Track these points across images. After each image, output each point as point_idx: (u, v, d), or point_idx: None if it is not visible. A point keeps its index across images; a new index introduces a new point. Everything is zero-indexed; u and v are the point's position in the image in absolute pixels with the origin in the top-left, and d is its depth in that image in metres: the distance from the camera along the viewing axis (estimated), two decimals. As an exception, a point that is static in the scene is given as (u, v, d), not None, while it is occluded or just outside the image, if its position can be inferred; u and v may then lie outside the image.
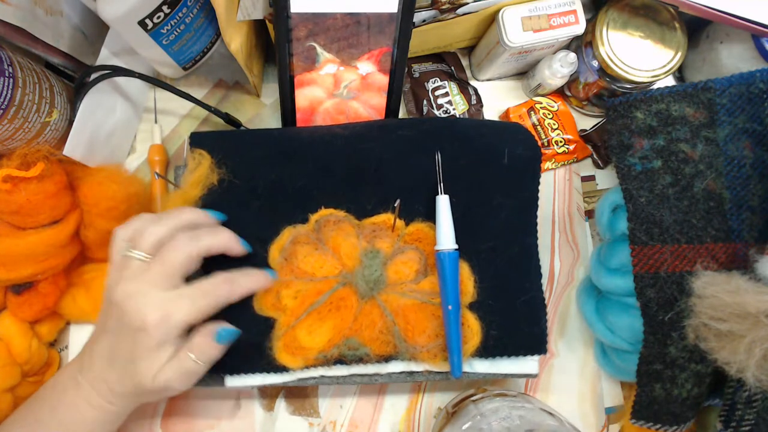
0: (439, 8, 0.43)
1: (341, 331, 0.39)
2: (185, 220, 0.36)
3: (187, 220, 0.36)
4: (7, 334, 0.42)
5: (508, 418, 0.37)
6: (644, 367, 0.42)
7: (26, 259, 0.40)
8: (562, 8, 0.45)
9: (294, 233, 0.41)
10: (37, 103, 0.39)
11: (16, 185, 0.39)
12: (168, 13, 0.41)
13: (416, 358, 0.40)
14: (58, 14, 0.41)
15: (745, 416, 0.38)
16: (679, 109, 0.44)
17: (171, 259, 0.33)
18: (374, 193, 0.42)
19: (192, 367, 0.34)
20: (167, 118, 0.52)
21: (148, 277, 0.33)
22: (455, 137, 0.42)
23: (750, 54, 0.45)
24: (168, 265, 0.33)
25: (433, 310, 0.40)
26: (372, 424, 0.47)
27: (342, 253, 0.40)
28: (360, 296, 0.40)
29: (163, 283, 0.33)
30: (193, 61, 0.49)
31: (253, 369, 0.39)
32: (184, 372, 0.33)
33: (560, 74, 0.48)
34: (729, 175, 0.42)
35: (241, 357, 0.39)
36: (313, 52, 0.41)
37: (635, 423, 0.44)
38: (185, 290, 0.34)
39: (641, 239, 0.42)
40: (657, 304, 0.41)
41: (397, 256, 0.41)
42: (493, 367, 0.41)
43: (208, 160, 0.40)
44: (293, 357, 0.39)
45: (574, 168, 0.53)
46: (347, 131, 0.42)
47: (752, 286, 0.35)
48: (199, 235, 0.35)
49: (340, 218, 0.41)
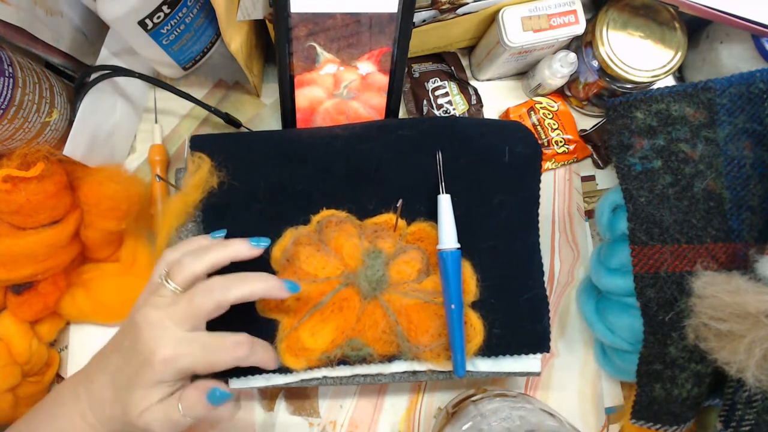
0: (439, 8, 0.43)
1: (344, 331, 0.39)
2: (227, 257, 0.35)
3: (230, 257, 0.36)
4: (7, 334, 0.42)
5: (509, 419, 0.37)
6: (644, 367, 0.42)
7: (26, 259, 0.40)
8: (562, 8, 0.45)
9: (296, 234, 0.41)
10: (37, 103, 0.39)
11: (16, 185, 0.39)
12: (168, 13, 0.41)
13: (419, 358, 0.40)
14: (58, 14, 0.41)
15: (745, 416, 0.38)
16: (679, 109, 0.44)
17: (199, 303, 0.33)
18: (375, 194, 0.42)
19: (176, 418, 0.32)
20: (167, 118, 0.51)
21: (173, 312, 0.32)
22: (455, 136, 0.42)
23: (750, 54, 0.45)
24: (195, 307, 0.33)
25: (436, 310, 0.40)
26: (372, 424, 0.47)
27: (344, 254, 0.40)
28: (363, 296, 0.40)
29: (185, 323, 0.32)
30: (193, 61, 0.49)
31: (257, 370, 0.39)
32: (168, 420, 0.32)
33: (560, 74, 0.48)
34: (729, 175, 0.42)
35: None
36: (313, 52, 0.41)
37: (635, 423, 0.44)
38: (203, 338, 0.33)
39: (641, 239, 0.42)
40: (657, 304, 0.41)
41: (399, 256, 0.41)
42: (496, 365, 0.41)
43: (207, 163, 0.40)
44: (296, 358, 0.39)
45: (574, 168, 0.53)
46: (347, 132, 0.42)
47: (752, 286, 0.35)
48: (234, 283, 0.34)
49: (342, 219, 0.41)
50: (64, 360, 0.47)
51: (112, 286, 0.46)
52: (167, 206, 0.42)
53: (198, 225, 0.42)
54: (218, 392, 0.33)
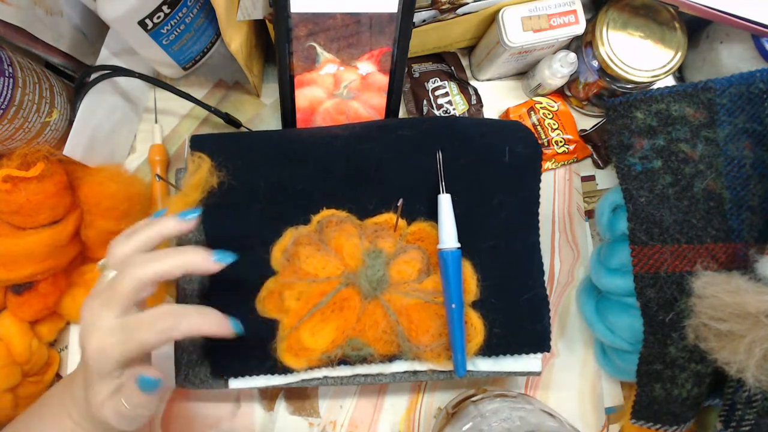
0: (439, 8, 0.43)
1: (345, 331, 0.39)
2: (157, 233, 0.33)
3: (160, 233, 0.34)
4: (7, 334, 0.42)
5: (509, 419, 0.37)
6: (644, 367, 0.42)
7: (26, 259, 0.40)
8: (562, 8, 0.45)
9: (296, 234, 0.41)
10: (37, 103, 0.39)
11: (16, 185, 0.39)
12: (168, 13, 0.41)
13: (420, 358, 0.40)
14: (58, 14, 0.41)
15: (745, 416, 0.38)
16: (679, 109, 0.44)
17: (118, 283, 0.31)
18: (375, 193, 0.42)
19: (124, 411, 0.31)
20: (167, 118, 0.51)
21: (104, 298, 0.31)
22: (455, 136, 0.42)
23: (750, 54, 0.45)
24: (116, 289, 0.31)
25: (437, 310, 0.40)
26: (372, 424, 0.47)
27: (344, 254, 0.40)
28: (363, 296, 0.40)
29: (113, 309, 0.30)
30: (193, 61, 0.49)
31: (257, 370, 0.39)
32: (118, 413, 0.31)
33: (560, 74, 0.48)
34: (729, 175, 0.42)
35: (245, 359, 0.39)
36: (313, 52, 0.41)
37: (635, 423, 0.44)
38: (127, 321, 0.30)
39: (641, 239, 0.42)
40: (657, 304, 0.41)
41: (400, 256, 0.41)
42: (497, 365, 0.41)
43: (207, 163, 0.40)
44: (297, 358, 0.39)
45: (574, 168, 0.53)
46: (347, 132, 0.42)
47: (752, 286, 0.35)
48: (154, 257, 0.32)
49: (342, 219, 0.41)
50: (64, 360, 0.47)
51: (112, 286, 0.46)
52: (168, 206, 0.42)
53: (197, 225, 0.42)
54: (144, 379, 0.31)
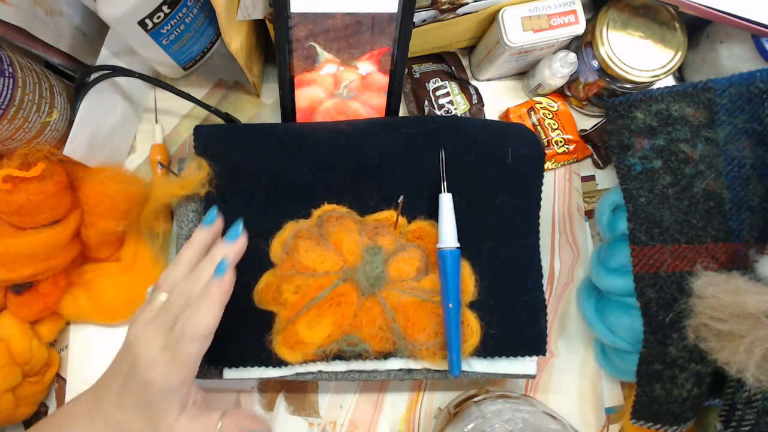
0: (439, 8, 0.43)
1: (341, 326, 0.39)
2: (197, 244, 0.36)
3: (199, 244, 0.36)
4: (7, 334, 0.42)
5: (512, 421, 0.37)
6: (644, 367, 0.42)
7: (26, 259, 0.40)
8: (562, 8, 0.45)
9: (296, 228, 0.41)
10: (37, 103, 0.39)
11: (16, 185, 0.39)
12: (168, 13, 0.41)
13: (415, 356, 0.40)
14: (58, 14, 0.41)
15: (745, 416, 0.38)
16: (679, 109, 0.44)
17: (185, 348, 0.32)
18: (377, 190, 0.42)
19: None
20: (167, 118, 0.52)
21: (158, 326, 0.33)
22: (459, 136, 0.42)
23: (750, 54, 0.45)
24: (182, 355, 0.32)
25: (433, 308, 0.40)
26: (372, 424, 0.47)
27: (344, 249, 0.40)
28: (361, 292, 0.40)
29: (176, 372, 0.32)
30: (193, 61, 0.49)
31: (252, 362, 0.40)
32: None
33: (560, 74, 0.48)
34: (729, 175, 0.42)
35: (240, 350, 0.39)
36: (313, 52, 0.41)
37: (635, 423, 0.44)
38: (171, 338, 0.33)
39: (641, 239, 0.42)
40: (657, 304, 0.41)
41: (399, 254, 0.41)
42: (492, 366, 0.41)
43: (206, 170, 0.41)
44: (292, 351, 0.39)
45: (574, 168, 0.53)
46: (351, 127, 0.42)
47: (752, 286, 0.35)
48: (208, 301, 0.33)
49: (343, 214, 0.41)
50: (64, 360, 0.47)
51: (112, 285, 0.46)
52: (161, 186, 0.42)
53: (199, 216, 0.42)
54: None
